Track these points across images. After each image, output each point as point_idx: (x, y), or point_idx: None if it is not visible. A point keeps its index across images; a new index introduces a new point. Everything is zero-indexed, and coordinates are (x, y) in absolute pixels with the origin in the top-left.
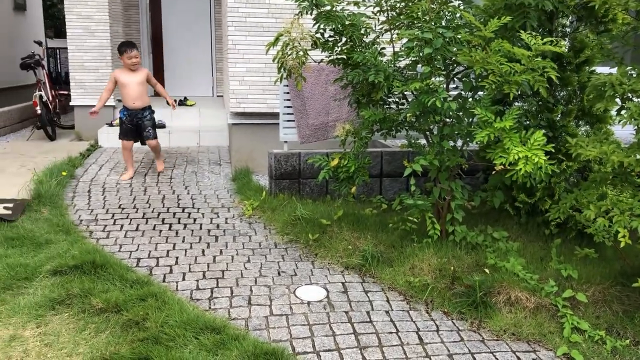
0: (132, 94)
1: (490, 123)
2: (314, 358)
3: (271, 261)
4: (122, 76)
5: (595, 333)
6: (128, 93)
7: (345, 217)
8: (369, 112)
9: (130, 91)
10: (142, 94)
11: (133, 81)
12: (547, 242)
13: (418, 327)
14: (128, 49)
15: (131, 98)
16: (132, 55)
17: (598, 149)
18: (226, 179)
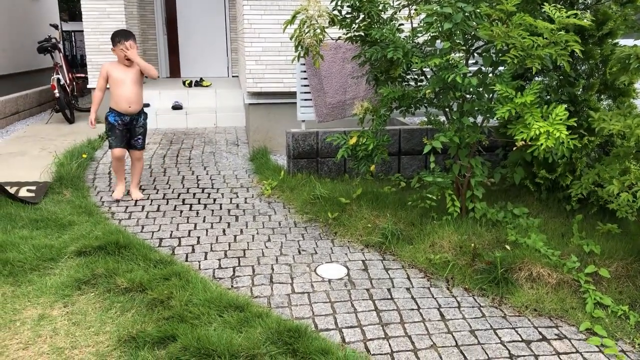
0: (128, 95)
1: (510, 99)
2: (336, 334)
3: (291, 240)
4: (115, 72)
5: (618, 308)
6: (122, 94)
7: (364, 196)
8: (387, 89)
9: (125, 91)
10: (139, 96)
11: (129, 79)
12: (569, 218)
13: (439, 303)
14: (122, 38)
15: (126, 100)
16: (127, 45)
17: (622, 122)
18: (244, 159)
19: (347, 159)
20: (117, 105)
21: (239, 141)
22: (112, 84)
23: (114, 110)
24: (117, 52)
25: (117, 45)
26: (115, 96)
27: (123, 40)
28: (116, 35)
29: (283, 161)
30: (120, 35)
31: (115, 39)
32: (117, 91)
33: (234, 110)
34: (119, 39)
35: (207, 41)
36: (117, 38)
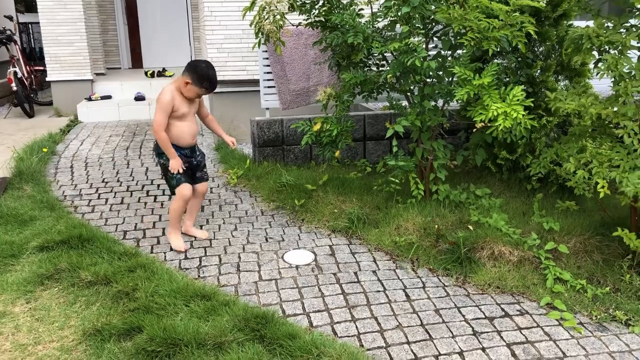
0: (194, 128)
1: (469, 81)
2: (304, 319)
3: (258, 228)
4: (183, 106)
5: (576, 282)
6: (187, 129)
7: (330, 182)
8: (349, 74)
9: (190, 125)
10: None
11: (192, 110)
12: (529, 197)
13: (405, 284)
14: (211, 87)
15: (191, 134)
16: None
17: (576, 102)
18: (209, 149)
19: (312, 146)
20: (178, 139)
21: (203, 131)
22: (173, 118)
23: (174, 145)
24: (193, 92)
25: (198, 87)
26: (179, 131)
27: (209, 89)
28: (206, 77)
29: (249, 150)
30: (210, 82)
31: (202, 82)
32: (180, 126)
33: None
34: (206, 85)
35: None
36: (205, 82)
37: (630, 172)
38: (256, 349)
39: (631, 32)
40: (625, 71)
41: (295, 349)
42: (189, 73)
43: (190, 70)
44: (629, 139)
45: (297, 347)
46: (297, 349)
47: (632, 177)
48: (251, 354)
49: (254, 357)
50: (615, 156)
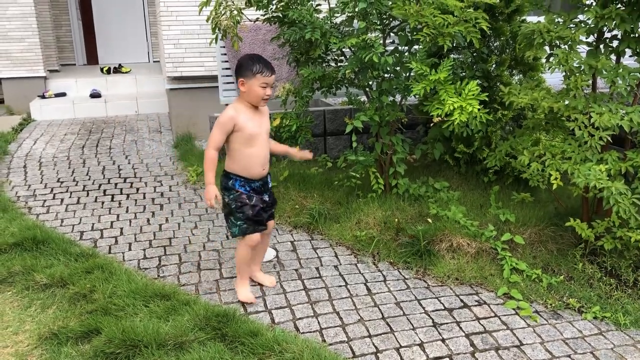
0: (265, 154)
1: (425, 76)
2: (265, 316)
3: (218, 226)
4: (250, 123)
5: (532, 272)
6: (258, 153)
7: (291, 178)
8: (308, 70)
9: (262, 150)
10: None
11: (263, 130)
12: (486, 189)
13: (366, 278)
14: (265, 68)
15: (262, 161)
16: (269, 81)
17: (529, 96)
18: (168, 146)
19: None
20: (249, 169)
21: (162, 128)
22: (241, 141)
23: (240, 177)
24: (254, 87)
25: (253, 77)
26: (246, 158)
27: (266, 72)
28: (252, 60)
29: None
30: (261, 62)
31: (252, 67)
32: (250, 150)
33: (156, 97)
34: (258, 68)
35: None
36: (255, 65)
37: (581, 164)
38: (217, 348)
39: (580, 28)
40: (575, 66)
41: (257, 347)
42: (237, 71)
43: (237, 68)
44: (579, 132)
45: (259, 345)
46: (259, 347)
47: (583, 169)
48: (212, 353)
49: (215, 356)
50: (567, 148)
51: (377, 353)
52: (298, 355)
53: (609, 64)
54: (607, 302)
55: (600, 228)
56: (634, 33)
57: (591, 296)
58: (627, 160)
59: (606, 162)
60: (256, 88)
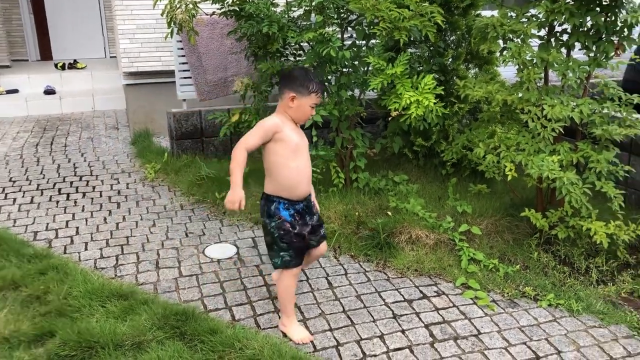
0: (310, 169)
1: (383, 70)
2: (226, 313)
3: (178, 223)
4: (293, 133)
5: (489, 262)
6: (304, 166)
7: (253, 173)
8: (266, 64)
9: (306, 165)
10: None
11: (305, 145)
12: (444, 181)
13: (327, 272)
14: (320, 89)
15: (308, 175)
16: (319, 102)
17: (484, 89)
18: (125, 143)
19: (233, 137)
20: (292, 188)
21: (119, 124)
22: (287, 152)
23: (283, 199)
24: (305, 107)
25: (308, 96)
26: (293, 172)
27: (320, 93)
28: (309, 77)
29: (167, 143)
30: (317, 81)
31: (309, 85)
32: (297, 163)
33: (113, 93)
34: (315, 87)
35: (80, 20)
36: (312, 84)
37: (534, 155)
38: (176, 347)
39: (532, 22)
40: (527, 59)
41: (217, 344)
42: (288, 84)
43: (288, 80)
44: (532, 124)
45: (218, 342)
46: (219, 344)
47: (536, 160)
48: (171, 351)
49: (174, 355)
50: (521, 140)
51: (338, 346)
52: (258, 351)
53: (560, 57)
54: (561, 289)
55: (553, 217)
56: (582, 27)
57: (546, 284)
58: (578, 151)
59: (558, 153)
60: (307, 108)
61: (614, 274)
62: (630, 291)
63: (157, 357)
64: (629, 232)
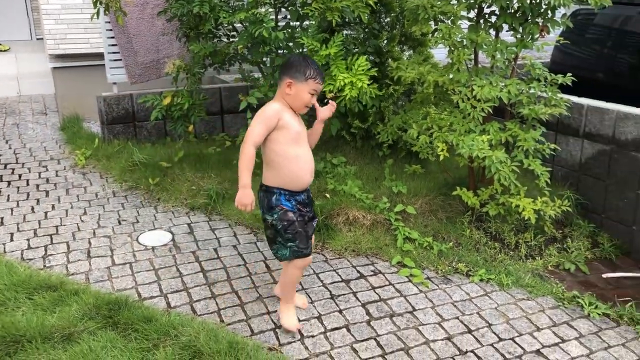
0: (311, 157)
1: (317, 51)
2: (161, 301)
3: (110, 211)
4: (292, 120)
5: (424, 240)
6: (304, 154)
7: (187, 158)
8: (198, 46)
9: (308, 155)
10: None
11: (305, 134)
12: (381, 163)
13: (265, 256)
14: (319, 74)
15: (310, 165)
16: (319, 88)
17: (416, 70)
18: (54, 129)
19: (167, 121)
20: (294, 178)
21: (47, 110)
22: (287, 140)
23: (284, 190)
24: (303, 93)
25: (304, 82)
26: (294, 160)
27: (319, 78)
28: (306, 62)
29: (97, 128)
30: (315, 67)
31: (305, 70)
32: (298, 151)
33: (41, 76)
34: (312, 73)
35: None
36: (309, 69)
37: (465, 135)
38: (109, 336)
39: (461, 3)
40: (457, 40)
41: (151, 332)
42: (285, 70)
43: (285, 66)
44: (463, 104)
45: (153, 330)
46: (153, 332)
47: (467, 140)
48: (104, 342)
49: (106, 345)
50: (453, 121)
51: (276, 329)
52: (194, 337)
53: (489, 38)
54: (492, 264)
55: (484, 195)
56: (509, 9)
57: (477, 260)
58: (507, 130)
59: (488, 132)
60: (305, 94)
61: (541, 249)
62: (556, 264)
63: (88, 347)
64: (555, 208)
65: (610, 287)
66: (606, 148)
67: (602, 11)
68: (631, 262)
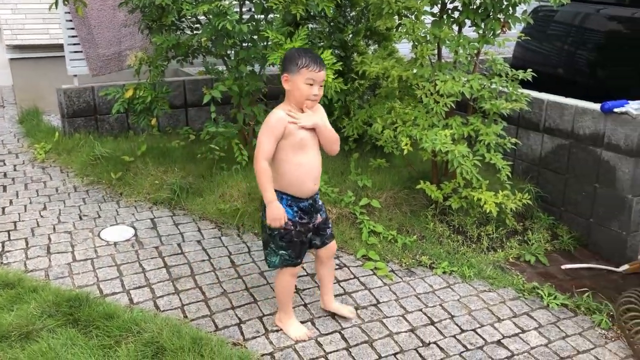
0: (317, 166)
1: (281, 45)
2: (123, 297)
3: (71, 206)
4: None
5: (388, 233)
6: (308, 162)
7: (150, 152)
8: (160, 38)
9: (314, 160)
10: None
11: (314, 139)
12: (347, 157)
13: (230, 251)
14: (312, 61)
15: (314, 173)
16: (317, 77)
17: (380, 65)
18: (12, 122)
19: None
20: (296, 184)
21: (4, 102)
22: (290, 148)
23: (286, 194)
24: (298, 84)
25: (297, 72)
26: (296, 168)
27: (313, 66)
28: (297, 53)
29: (58, 121)
30: (307, 55)
31: (296, 60)
32: (300, 159)
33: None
34: (304, 62)
35: None
36: (300, 58)
37: (428, 129)
38: (69, 334)
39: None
40: (421, 35)
41: (113, 329)
42: (282, 66)
43: (282, 62)
44: (426, 99)
45: (115, 327)
46: (115, 329)
47: (430, 134)
48: (64, 339)
49: (66, 343)
50: (417, 115)
51: (241, 324)
52: (157, 334)
53: (452, 34)
54: (455, 257)
55: (447, 189)
56: (472, 5)
57: (441, 253)
58: (469, 124)
59: (451, 127)
60: (301, 85)
61: (502, 241)
62: (517, 256)
63: (47, 346)
64: (516, 201)
65: (568, 278)
66: (565, 142)
67: (562, 8)
68: (589, 253)
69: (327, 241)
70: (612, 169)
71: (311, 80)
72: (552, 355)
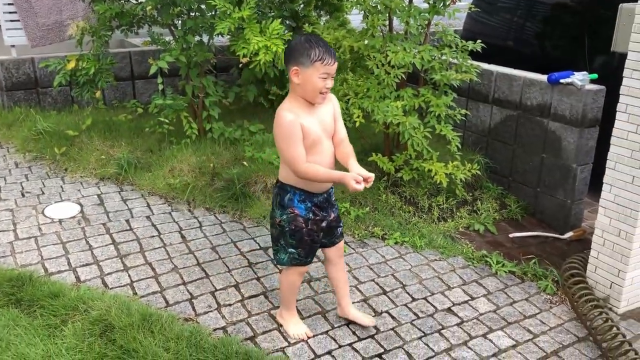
0: (329, 162)
1: (229, 14)
2: (70, 275)
3: (12, 183)
4: (314, 126)
5: (341, 206)
6: (320, 161)
7: (96, 126)
8: (103, 6)
9: (328, 155)
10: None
11: (327, 132)
12: None
13: (180, 226)
14: (327, 54)
15: (327, 167)
16: (331, 70)
17: (332, 35)
18: None
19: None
20: (308, 183)
21: None
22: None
23: (299, 189)
24: (312, 79)
25: (311, 66)
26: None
27: (328, 58)
28: (309, 44)
29: None
30: (321, 47)
31: (309, 52)
32: (312, 158)
33: None
34: (318, 54)
35: None
36: (313, 50)
37: (380, 101)
38: (12, 315)
39: None
40: (372, 5)
41: (59, 308)
42: (289, 57)
43: (288, 53)
44: (377, 70)
45: (61, 306)
46: (61, 308)
47: (382, 106)
48: (5, 320)
49: (8, 324)
50: (370, 87)
51: (192, 299)
52: (105, 311)
53: (402, 4)
54: (406, 228)
55: (399, 161)
56: None
57: (393, 224)
58: (420, 96)
59: (402, 98)
60: (315, 79)
61: (452, 211)
62: (466, 226)
63: None
64: (466, 172)
65: (516, 246)
66: (513, 113)
67: None
68: (535, 222)
69: (337, 240)
70: (558, 139)
71: (325, 74)
72: (500, 321)
